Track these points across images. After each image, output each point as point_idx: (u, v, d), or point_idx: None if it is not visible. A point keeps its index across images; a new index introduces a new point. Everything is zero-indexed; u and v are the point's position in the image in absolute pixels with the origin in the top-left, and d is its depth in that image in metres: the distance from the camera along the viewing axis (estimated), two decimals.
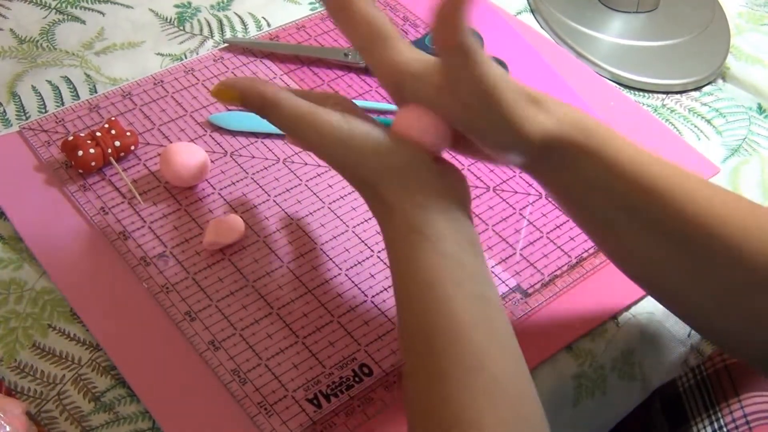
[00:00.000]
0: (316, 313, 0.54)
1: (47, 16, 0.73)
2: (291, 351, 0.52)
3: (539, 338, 0.55)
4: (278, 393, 0.50)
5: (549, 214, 0.62)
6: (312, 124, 0.45)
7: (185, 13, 0.75)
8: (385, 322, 0.54)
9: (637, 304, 0.58)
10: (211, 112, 0.65)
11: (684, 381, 0.65)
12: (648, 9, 0.80)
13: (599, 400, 0.57)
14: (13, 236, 0.57)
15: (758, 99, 0.74)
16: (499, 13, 0.78)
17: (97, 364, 0.51)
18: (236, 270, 0.56)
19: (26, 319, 0.53)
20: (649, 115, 0.72)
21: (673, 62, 0.76)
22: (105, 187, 0.59)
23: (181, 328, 0.52)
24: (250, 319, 0.53)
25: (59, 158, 0.60)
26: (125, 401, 0.50)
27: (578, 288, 0.58)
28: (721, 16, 0.81)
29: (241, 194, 0.60)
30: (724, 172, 0.68)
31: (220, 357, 0.51)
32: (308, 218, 0.59)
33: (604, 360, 0.56)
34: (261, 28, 0.74)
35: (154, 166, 0.61)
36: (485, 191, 0.63)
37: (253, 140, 0.64)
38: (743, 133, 0.72)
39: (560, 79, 0.73)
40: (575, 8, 0.80)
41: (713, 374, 0.63)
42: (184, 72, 0.68)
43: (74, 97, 0.66)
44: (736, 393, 0.61)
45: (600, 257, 0.59)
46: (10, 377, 0.50)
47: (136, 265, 0.55)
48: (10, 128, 0.63)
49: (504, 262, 0.58)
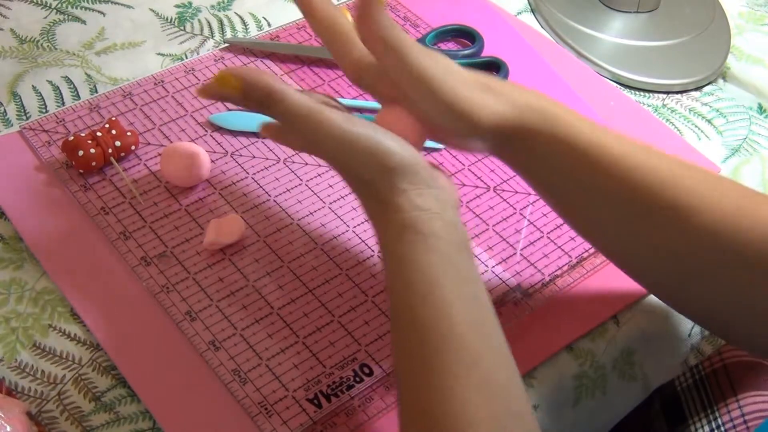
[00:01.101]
0: (317, 313, 0.54)
1: (48, 16, 0.73)
2: (291, 351, 0.52)
3: (539, 338, 0.55)
4: (278, 393, 0.50)
5: (549, 214, 0.62)
6: (317, 122, 0.45)
7: (186, 13, 0.75)
8: (385, 322, 0.54)
9: (637, 304, 0.58)
10: (211, 112, 0.65)
11: (682, 380, 0.65)
12: (648, 9, 0.80)
13: (599, 400, 0.57)
14: (13, 236, 0.57)
15: (759, 99, 0.74)
16: (499, 13, 0.78)
17: (98, 364, 0.51)
18: (236, 270, 0.56)
19: (26, 319, 0.53)
20: (649, 115, 0.72)
21: (674, 62, 0.76)
22: (105, 187, 0.59)
23: (181, 328, 0.52)
24: (251, 319, 0.53)
25: (60, 158, 0.60)
26: (125, 401, 0.50)
27: (578, 288, 0.58)
28: (722, 16, 0.81)
29: (241, 194, 0.60)
30: (725, 172, 0.68)
31: (220, 357, 0.51)
32: (308, 218, 0.59)
33: (604, 360, 0.57)
34: (261, 28, 0.74)
35: (155, 166, 0.61)
36: (485, 191, 0.63)
37: (253, 140, 0.64)
38: (744, 133, 0.72)
39: (560, 79, 0.73)
40: (575, 8, 0.80)
41: (711, 374, 0.63)
42: (184, 72, 0.68)
43: (75, 97, 0.66)
44: (734, 393, 0.61)
45: (600, 257, 0.59)
46: (10, 377, 0.50)
47: (136, 265, 0.55)
48: (11, 128, 0.63)
49: (504, 262, 0.58)
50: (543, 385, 0.54)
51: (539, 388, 0.54)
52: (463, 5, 0.78)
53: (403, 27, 0.75)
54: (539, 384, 0.54)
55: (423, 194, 0.45)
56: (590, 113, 0.70)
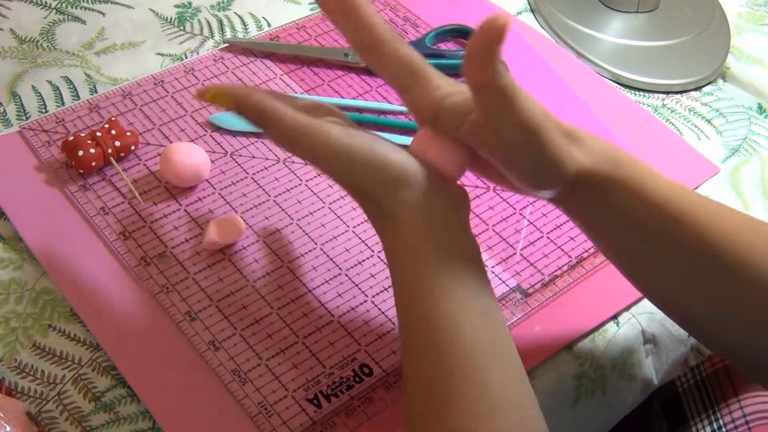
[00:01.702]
0: (316, 313, 0.54)
1: (47, 16, 0.73)
2: (291, 351, 0.52)
3: (539, 338, 0.55)
4: (278, 393, 0.50)
5: (549, 214, 0.62)
6: (313, 139, 0.43)
7: (185, 13, 0.75)
8: (385, 322, 0.54)
9: (637, 304, 0.58)
10: (211, 112, 0.65)
11: (683, 381, 0.65)
12: (648, 9, 0.80)
13: (599, 400, 0.57)
14: (13, 236, 0.57)
15: (758, 99, 0.74)
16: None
17: (98, 364, 0.51)
18: (236, 270, 0.56)
19: (26, 319, 0.53)
20: (649, 115, 0.72)
21: (674, 62, 0.76)
22: (105, 187, 0.59)
23: (181, 328, 0.52)
24: (250, 319, 0.53)
25: (59, 158, 0.60)
26: (125, 401, 0.50)
27: (578, 288, 0.58)
28: (721, 16, 0.81)
29: (241, 194, 0.60)
30: (725, 172, 0.68)
31: (220, 357, 0.51)
32: (308, 218, 0.59)
33: (604, 360, 0.57)
34: (261, 28, 0.74)
35: (155, 166, 0.61)
36: (485, 191, 0.63)
37: (253, 140, 0.64)
38: (743, 133, 0.72)
39: (560, 80, 0.73)
40: (575, 8, 0.80)
41: (712, 374, 0.63)
42: (184, 72, 0.68)
43: (74, 97, 0.66)
44: (735, 393, 0.61)
45: (600, 257, 0.59)
46: (10, 377, 0.50)
47: (136, 265, 0.55)
48: (11, 128, 0.63)
49: (504, 262, 0.58)
50: (543, 385, 0.54)
51: (539, 388, 0.54)
52: (463, 5, 0.78)
53: (403, 27, 0.75)
54: (539, 384, 0.54)
55: (431, 205, 0.44)
56: (590, 113, 0.70)
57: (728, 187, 0.67)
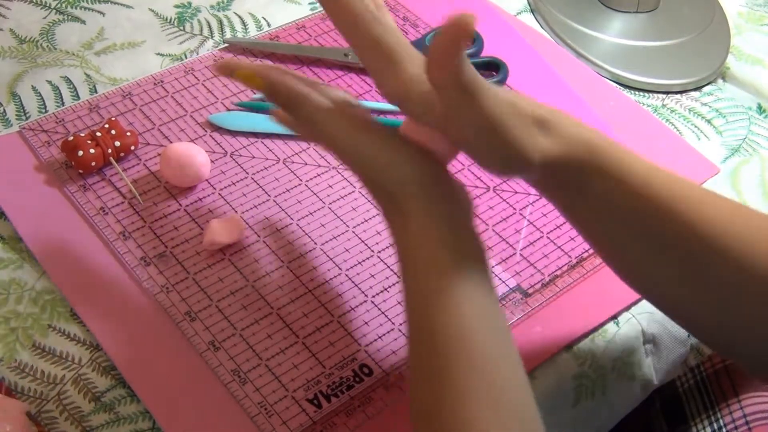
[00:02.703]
0: (316, 313, 0.54)
1: (47, 16, 0.73)
2: (291, 351, 0.52)
3: (539, 338, 0.55)
4: (278, 393, 0.50)
5: (549, 214, 0.62)
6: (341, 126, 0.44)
7: (185, 13, 0.75)
8: (385, 323, 0.54)
9: (637, 304, 0.58)
10: (211, 112, 0.65)
11: (683, 381, 0.65)
12: (648, 9, 0.80)
13: (599, 400, 0.57)
14: (13, 236, 0.57)
15: (758, 99, 0.74)
16: (499, 13, 0.78)
17: (97, 364, 0.51)
18: (236, 270, 0.56)
19: (26, 319, 0.53)
20: (649, 115, 0.71)
21: (674, 62, 0.76)
22: (105, 187, 0.59)
23: (181, 328, 0.52)
24: (250, 319, 0.53)
25: (59, 158, 0.60)
26: (125, 401, 0.50)
27: (578, 288, 0.58)
28: (721, 16, 0.81)
29: (241, 194, 0.60)
30: (724, 172, 0.68)
31: (220, 357, 0.51)
32: (308, 218, 0.59)
33: (604, 360, 0.56)
34: (261, 28, 0.74)
35: (154, 166, 0.61)
36: (485, 191, 0.63)
37: (253, 140, 0.64)
38: (743, 133, 0.72)
39: (560, 79, 0.73)
40: (575, 8, 0.80)
41: (713, 374, 0.63)
42: (184, 72, 0.68)
43: (74, 98, 0.66)
44: (735, 393, 0.61)
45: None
46: (10, 377, 0.50)
47: (136, 266, 0.55)
48: (10, 128, 0.63)
49: (504, 262, 0.58)
50: (543, 385, 0.54)
51: (539, 388, 0.54)
52: (462, 5, 0.78)
53: (403, 27, 0.75)
54: (539, 384, 0.54)
55: (443, 204, 0.44)
56: (590, 113, 0.70)
57: (728, 187, 0.67)
